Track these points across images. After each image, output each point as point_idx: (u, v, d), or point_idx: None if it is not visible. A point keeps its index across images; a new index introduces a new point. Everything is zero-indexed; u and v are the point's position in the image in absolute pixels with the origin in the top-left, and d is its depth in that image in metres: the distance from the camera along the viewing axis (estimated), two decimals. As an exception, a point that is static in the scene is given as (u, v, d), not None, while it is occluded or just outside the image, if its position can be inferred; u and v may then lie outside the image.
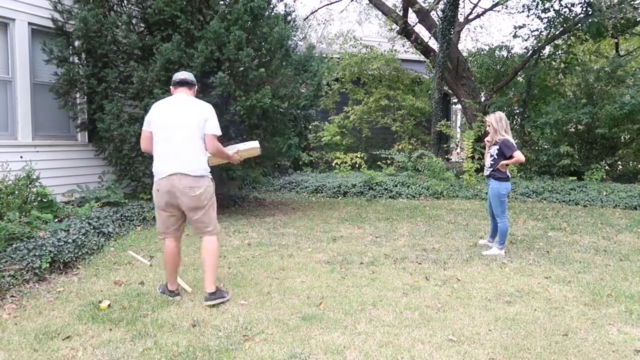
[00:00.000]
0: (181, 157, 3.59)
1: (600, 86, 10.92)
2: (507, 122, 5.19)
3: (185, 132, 3.60)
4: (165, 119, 3.63)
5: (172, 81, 3.85)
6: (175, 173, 3.57)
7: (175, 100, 3.73)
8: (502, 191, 5.17)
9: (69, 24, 6.64)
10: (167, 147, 3.61)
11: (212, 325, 3.35)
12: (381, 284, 4.25)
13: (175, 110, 3.66)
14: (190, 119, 3.63)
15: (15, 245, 4.34)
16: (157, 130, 3.65)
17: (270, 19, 7.07)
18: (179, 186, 3.58)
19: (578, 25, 10.37)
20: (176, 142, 3.59)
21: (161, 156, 3.63)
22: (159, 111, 3.69)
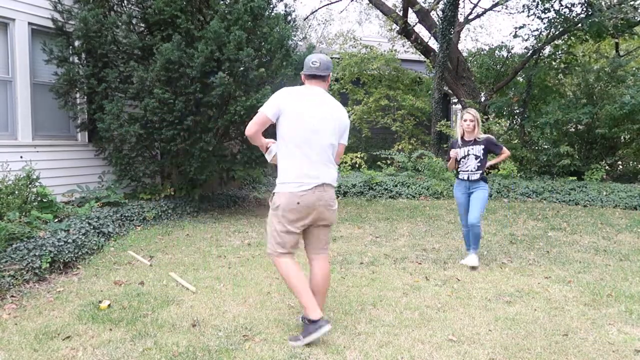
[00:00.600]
0: (327, 164, 3.09)
1: (600, 86, 10.92)
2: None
3: (331, 136, 3.09)
4: (308, 115, 3.02)
5: (304, 71, 3.17)
6: (322, 184, 3.07)
7: (316, 94, 3.11)
8: (488, 193, 4.86)
9: (69, 24, 6.63)
10: (309, 152, 3.03)
11: (212, 325, 3.35)
12: (381, 284, 4.25)
13: (320, 108, 3.07)
14: (335, 123, 3.11)
15: (15, 245, 4.33)
16: (295, 127, 3.02)
17: (270, 19, 7.08)
18: (324, 199, 3.08)
19: (578, 25, 10.37)
20: (321, 146, 3.05)
21: (303, 162, 3.04)
22: (296, 102, 3.03)
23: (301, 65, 7.55)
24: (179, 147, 6.80)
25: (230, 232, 6.30)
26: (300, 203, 3.01)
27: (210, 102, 6.53)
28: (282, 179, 3.12)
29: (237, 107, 6.45)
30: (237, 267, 4.73)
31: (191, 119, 6.52)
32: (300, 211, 3.03)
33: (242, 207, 8.41)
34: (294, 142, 3.04)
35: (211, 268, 4.70)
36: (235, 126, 7.18)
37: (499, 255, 5.23)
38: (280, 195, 3.08)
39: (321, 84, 3.18)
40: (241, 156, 7.23)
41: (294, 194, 3.01)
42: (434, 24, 12.26)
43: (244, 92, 6.58)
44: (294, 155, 3.05)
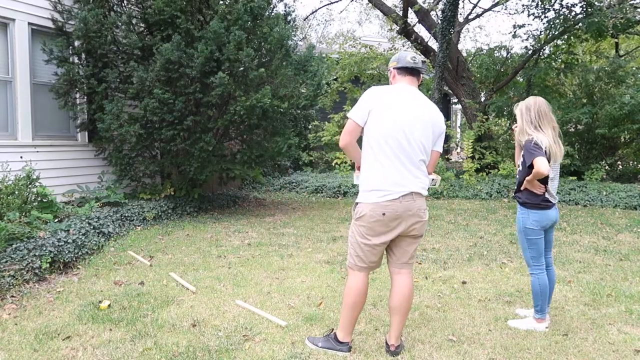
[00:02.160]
0: (417, 172, 2.77)
1: (600, 86, 10.91)
2: (540, 112, 3.22)
3: (424, 141, 2.77)
4: (398, 117, 2.72)
5: (400, 64, 2.86)
6: (410, 192, 2.74)
7: (409, 94, 2.80)
8: (528, 224, 3.26)
9: (69, 24, 6.63)
10: (400, 157, 2.72)
11: (212, 325, 3.35)
12: (381, 284, 4.25)
13: (414, 110, 2.75)
14: (430, 125, 2.79)
15: (15, 245, 4.34)
16: (389, 129, 2.72)
17: (270, 19, 7.07)
18: (413, 209, 2.76)
19: (578, 25, 10.37)
20: (412, 152, 2.73)
21: (390, 168, 2.72)
22: (387, 104, 2.74)
23: (301, 65, 7.57)
24: (178, 147, 6.80)
25: (230, 232, 6.30)
26: (385, 214, 2.72)
27: (210, 102, 6.53)
28: (365, 187, 2.79)
29: (237, 107, 6.45)
30: (237, 267, 4.73)
31: (191, 119, 6.52)
32: (386, 223, 2.74)
33: (242, 207, 8.41)
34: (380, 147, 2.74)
35: (211, 268, 4.70)
36: (235, 126, 7.18)
37: (499, 255, 5.23)
38: (363, 205, 2.78)
39: (415, 82, 2.89)
40: (241, 156, 7.23)
41: (379, 204, 2.72)
42: (433, 24, 12.26)
43: (243, 92, 6.58)
44: (376, 158, 2.75)
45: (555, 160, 3.23)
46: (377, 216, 2.72)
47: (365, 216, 2.75)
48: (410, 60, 2.84)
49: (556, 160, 3.25)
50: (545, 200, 3.23)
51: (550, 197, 3.25)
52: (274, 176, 11.64)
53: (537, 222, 3.22)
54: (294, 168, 12.72)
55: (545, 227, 3.28)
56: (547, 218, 3.25)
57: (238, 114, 6.51)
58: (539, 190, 3.20)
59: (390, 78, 2.94)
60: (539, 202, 3.22)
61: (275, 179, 11.40)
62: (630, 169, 11.08)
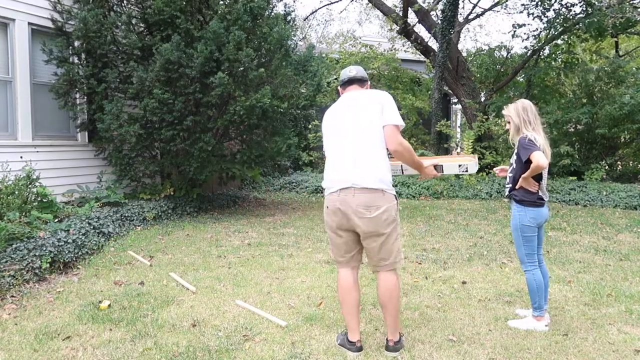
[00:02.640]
0: (355, 165, 2.79)
1: (600, 86, 10.91)
2: (535, 113, 3.31)
3: (358, 131, 2.81)
4: (334, 122, 2.95)
5: (340, 81, 3.12)
6: (347, 187, 2.77)
7: (344, 99, 2.99)
8: (525, 221, 3.28)
9: (68, 24, 6.63)
10: (337, 155, 2.88)
11: (212, 325, 3.35)
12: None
13: (345, 108, 2.92)
14: (363, 113, 2.83)
15: (15, 245, 4.34)
16: (327, 138, 2.97)
17: (270, 19, 7.08)
18: (352, 204, 2.77)
19: (577, 25, 10.36)
20: (348, 147, 2.82)
21: (331, 166, 2.90)
22: (327, 117, 3.01)
23: (301, 65, 7.57)
24: (178, 147, 6.80)
25: (230, 232, 6.30)
26: (328, 207, 2.87)
27: (209, 102, 6.53)
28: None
29: (237, 107, 6.45)
30: (237, 267, 4.73)
31: (191, 119, 6.52)
32: (331, 216, 2.86)
33: (242, 207, 8.41)
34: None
35: (211, 268, 4.70)
36: (235, 126, 7.18)
37: (499, 255, 5.22)
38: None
39: (356, 88, 3.06)
40: (240, 156, 7.23)
41: (325, 197, 2.94)
42: (433, 24, 12.26)
43: (243, 92, 6.58)
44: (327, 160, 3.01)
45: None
46: (325, 208, 2.93)
47: (324, 209, 2.97)
48: (348, 73, 3.07)
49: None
50: (540, 198, 3.30)
51: (543, 194, 3.32)
52: (274, 176, 11.64)
53: (534, 220, 3.28)
54: (294, 168, 12.72)
55: (540, 224, 3.36)
56: (542, 215, 3.33)
57: (238, 114, 6.51)
58: (533, 187, 3.25)
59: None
60: (535, 199, 3.28)
61: (275, 179, 11.40)
62: (630, 169, 11.08)
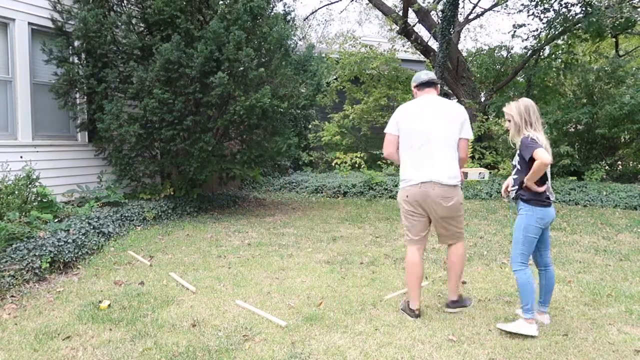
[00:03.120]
0: (436, 164, 3.40)
1: (600, 86, 10.91)
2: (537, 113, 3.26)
3: (444, 139, 3.40)
4: (415, 123, 3.42)
5: (416, 82, 3.60)
6: (427, 181, 3.38)
7: (425, 102, 3.49)
8: (532, 222, 3.21)
9: (68, 24, 6.63)
10: (419, 153, 3.41)
11: (212, 325, 3.36)
12: (381, 284, 4.25)
13: (433, 116, 3.42)
14: (451, 124, 3.42)
15: (15, 245, 4.34)
16: (407, 135, 3.44)
17: (269, 19, 7.07)
18: (431, 195, 3.39)
19: (577, 25, 10.36)
20: (430, 148, 3.39)
21: (414, 163, 3.43)
22: (408, 115, 3.46)
23: (300, 64, 7.58)
24: (178, 147, 6.80)
25: (230, 232, 6.30)
26: (408, 196, 3.49)
27: (209, 102, 6.53)
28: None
29: (237, 107, 6.45)
30: (237, 267, 4.73)
31: (191, 119, 6.52)
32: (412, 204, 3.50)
33: (242, 207, 8.41)
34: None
35: (211, 268, 4.70)
36: (235, 126, 7.18)
37: (499, 255, 5.22)
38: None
39: (433, 92, 3.62)
40: (240, 156, 7.23)
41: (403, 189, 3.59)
42: (433, 24, 12.26)
43: (243, 92, 6.58)
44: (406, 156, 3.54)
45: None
46: (404, 197, 3.50)
47: (400, 198, 3.56)
48: (424, 76, 3.60)
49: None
50: (547, 198, 3.25)
51: (550, 194, 3.29)
52: (274, 176, 11.64)
53: (541, 220, 3.22)
54: (294, 168, 12.72)
55: (547, 225, 3.30)
56: (550, 215, 3.27)
57: (238, 114, 6.51)
58: (539, 189, 3.21)
59: (414, 95, 3.69)
60: (543, 199, 3.22)
61: (275, 179, 11.40)
62: (630, 169, 11.07)
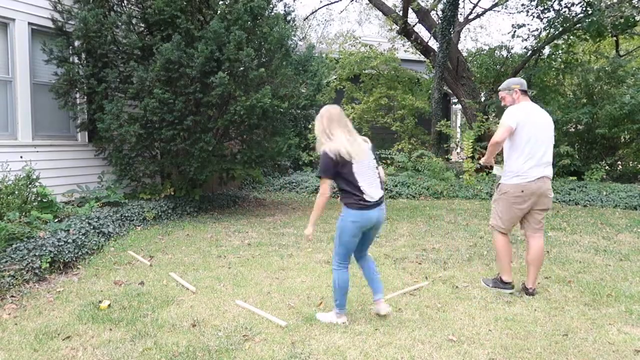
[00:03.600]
0: (549, 161, 3.96)
1: (600, 86, 10.91)
2: (331, 119, 3.30)
3: (550, 139, 3.98)
4: (536, 124, 3.90)
5: (520, 85, 4.05)
6: (544, 176, 3.91)
7: (533, 109, 4.00)
8: (347, 224, 3.30)
9: (68, 24, 6.63)
10: (539, 151, 3.88)
11: (212, 325, 3.36)
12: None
13: (542, 122, 3.96)
14: (551, 129, 4.01)
15: (15, 245, 4.33)
16: (529, 132, 3.86)
17: (270, 19, 7.07)
18: (544, 188, 3.91)
19: (577, 25, 10.37)
20: (545, 147, 3.92)
21: (534, 159, 3.87)
22: (525, 118, 3.90)
23: (301, 64, 7.59)
24: (178, 147, 6.80)
25: (230, 232, 6.30)
26: (523, 191, 3.93)
27: (210, 102, 6.53)
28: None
29: (237, 107, 6.45)
30: (237, 267, 4.73)
31: (191, 119, 6.52)
32: (528, 198, 3.95)
33: (242, 207, 8.41)
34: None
35: (211, 268, 4.70)
36: (235, 126, 7.18)
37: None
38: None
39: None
40: (241, 156, 7.23)
41: (518, 184, 4.01)
42: (433, 24, 12.26)
43: (243, 92, 6.58)
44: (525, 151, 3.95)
45: (359, 159, 3.20)
46: (519, 192, 3.92)
47: (513, 191, 3.96)
48: (523, 86, 4.07)
49: (361, 159, 3.22)
50: (365, 200, 3.19)
51: (370, 197, 3.21)
52: (274, 176, 11.64)
53: (356, 222, 3.21)
54: (294, 168, 12.72)
55: (366, 228, 3.27)
56: (367, 218, 3.22)
57: (238, 114, 6.51)
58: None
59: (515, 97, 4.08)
60: (358, 202, 3.18)
61: (275, 179, 11.40)
62: (630, 169, 11.07)
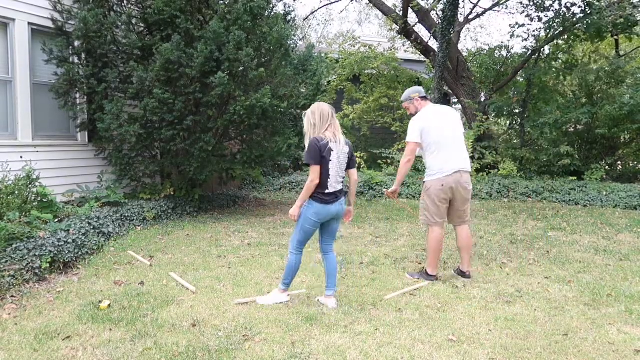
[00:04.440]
0: (463, 156, 4.31)
1: (600, 86, 10.92)
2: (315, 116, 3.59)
3: (458, 133, 4.33)
4: (440, 125, 4.25)
5: (417, 96, 4.40)
6: (459, 170, 4.23)
7: (436, 109, 4.39)
8: (308, 214, 3.59)
9: (68, 24, 6.63)
10: (450, 148, 4.24)
11: (212, 325, 3.36)
12: (381, 284, 4.25)
13: (445, 116, 4.33)
14: (456, 122, 4.37)
15: (15, 245, 4.33)
16: (436, 134, 4.21)
17: (270, 19, 7.07)
18: (461, 181, 4.24)
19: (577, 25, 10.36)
20: (454, 142, 4.26)
21: (446, 156, 4.21)
22: (428, 120, 4.25)
23: (300, 64, 7.59)
24: (178, 147, 6.80)
25: (230, 232, 6.30)
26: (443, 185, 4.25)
27: (209, 102, 6.52)
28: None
29: (237, 107, 6.44)
30: (237, 267, 4.73)
31: (191, 119, 6.52)
32: (445, 191, 4.29)
33: (242, 207, 8.41)
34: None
35: (211, 268, 4.70)
36: (235, 126, 7.18)
37: (499, 255, 5.23)
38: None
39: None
40: (241, 156, 7.23)
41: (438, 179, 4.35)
42: (433, 24, 12.25)
43: (243, 92, 6.58)
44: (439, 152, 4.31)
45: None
46: (439, 186, 4.23)
47: (435, 186, 4.26)
48: (422, 93, 4.43)
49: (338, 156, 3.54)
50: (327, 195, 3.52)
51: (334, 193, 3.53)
52: (274, 176, 11.64)
53: (317, 214, 3.55)
54: (294, 168, 12.72)
55: (325, 219, 3.61)
56: (326, 211, 3.56)
57: (238, 114, 6.51)
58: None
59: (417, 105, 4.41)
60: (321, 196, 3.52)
61: (275, 179, 11.40)
62: (630, 169, 11.08)
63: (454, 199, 4.29)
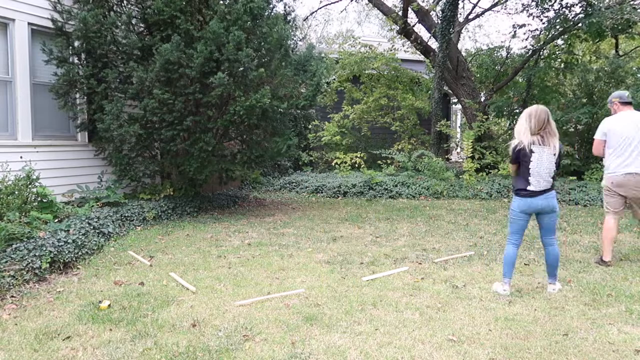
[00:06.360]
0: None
1: (600, 86, 10.91)
2: (530, 120, 4.10)
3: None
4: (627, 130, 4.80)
5: (619, 100, 4.91)
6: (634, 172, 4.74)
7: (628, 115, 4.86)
8: (513, 206, 4.14)
9: (68, 24, 6.63)
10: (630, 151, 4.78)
11: (212, 325, 3.36)
12: (381, 284, 4.25)
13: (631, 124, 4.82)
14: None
15: (15, 245, 4.33)
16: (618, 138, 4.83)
17: (269, 19, 7.08)
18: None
19: (577, 25, 10.36)
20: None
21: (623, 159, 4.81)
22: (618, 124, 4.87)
23: (300, 65, 7.60)
24: (178, 147, 6.80)
25: (230, 232, 6.30)
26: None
27: (209, 102, 6.53)
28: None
29: (237, 107, 6.45)
30: (237, 267, 4.73)
31: (191, 119, 6.52)
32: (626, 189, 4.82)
33: (242, 207, 8.41)
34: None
35: (211, 268, 4.70)
36: (235, 126, 7.18)
37: (499, 255, 5.22)
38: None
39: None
40: (241, 156, 7.23)
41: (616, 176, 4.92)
42: (433, 24, 12.26)
43: (243, 92, 6.58)
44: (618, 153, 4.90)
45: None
46: (611, 183, 4.86)
47: (609, 184, 4.89)
48: (625, 98, 4.91)
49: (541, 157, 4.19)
50: (521, 189, 4.00)
51: (532, 187, 3.97)
52: (274, 176, 11.64)
53: (519, 207, 4.03)
54: (294, 168, 12.72)
55: (527, 212, 4.05)
56: (529, 205, 4.00)
57: (238, 114, 6.51)
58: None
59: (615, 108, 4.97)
60: (519, 189, 4.01)
61: (275, 179, 11.40)
62: (630, 169, 11.06)
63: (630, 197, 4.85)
